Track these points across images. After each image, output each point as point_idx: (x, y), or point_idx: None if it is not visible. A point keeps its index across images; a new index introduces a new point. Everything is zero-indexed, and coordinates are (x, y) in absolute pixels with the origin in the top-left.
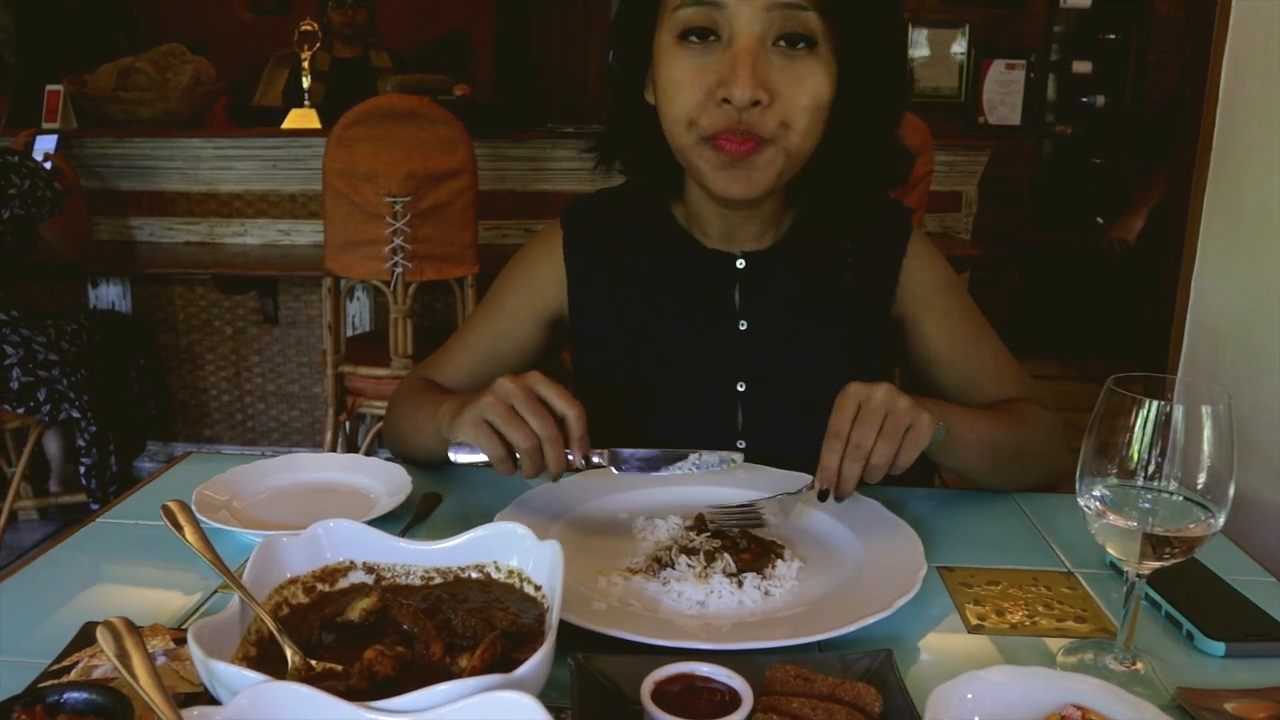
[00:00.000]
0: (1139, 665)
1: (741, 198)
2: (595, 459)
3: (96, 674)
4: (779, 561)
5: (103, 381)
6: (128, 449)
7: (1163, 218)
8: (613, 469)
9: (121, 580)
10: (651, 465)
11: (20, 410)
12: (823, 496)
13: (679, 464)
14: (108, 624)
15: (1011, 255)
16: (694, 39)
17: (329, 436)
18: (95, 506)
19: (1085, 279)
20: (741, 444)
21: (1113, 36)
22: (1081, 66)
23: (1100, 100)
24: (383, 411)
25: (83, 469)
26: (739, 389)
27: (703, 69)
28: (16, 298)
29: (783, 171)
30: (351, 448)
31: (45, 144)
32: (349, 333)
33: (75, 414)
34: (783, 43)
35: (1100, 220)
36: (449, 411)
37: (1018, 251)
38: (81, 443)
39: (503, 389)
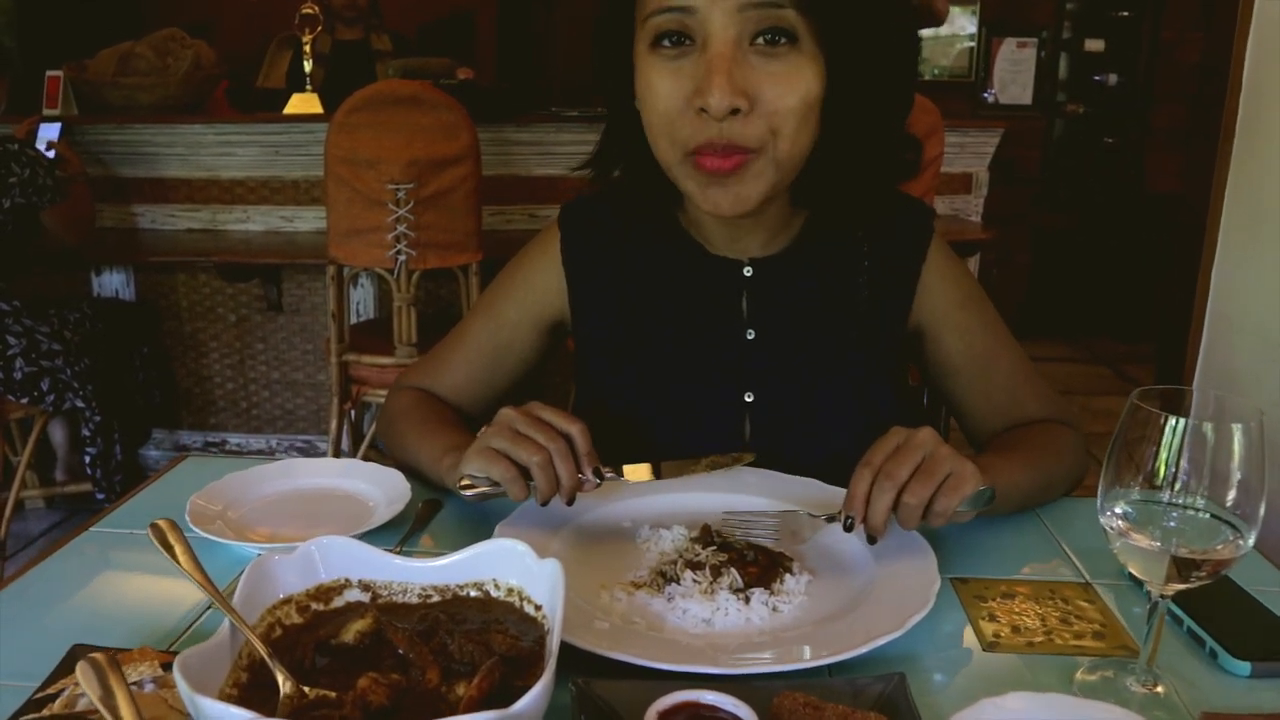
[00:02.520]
0: (1160, 688)
1: (731, 214)
2: (608, 475)
3: (81, 704)
4: (787, 576)
5: (106, 370)
6: (132, 438)
7: (1182, 207)
8: (625, 480)
9: (113, 595)
10: (665, 472)
11: (24, 400)
12: (848, 527)
13: (692, 468)
14: (91, 661)
15: (1022, 236)
16: (667, 44)
17: (334, 425)
18: (101, 496)
19: (1096, 259)
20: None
21: (1125, 14)
22: (1094, 45)
23: (1112, 79)
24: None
25: (87, 459)
26: (746, 400)
27: (678, 76)
28: (19, 287)
29: (774, 182)
30: (357, 436)
31: (48, 132)
32: (354, 319)
33: (79, 404)
34: (761, 41)
35: None
36: (452, 462)
37: (1028, 232)
38: (86, 432)
39: (505, 417)
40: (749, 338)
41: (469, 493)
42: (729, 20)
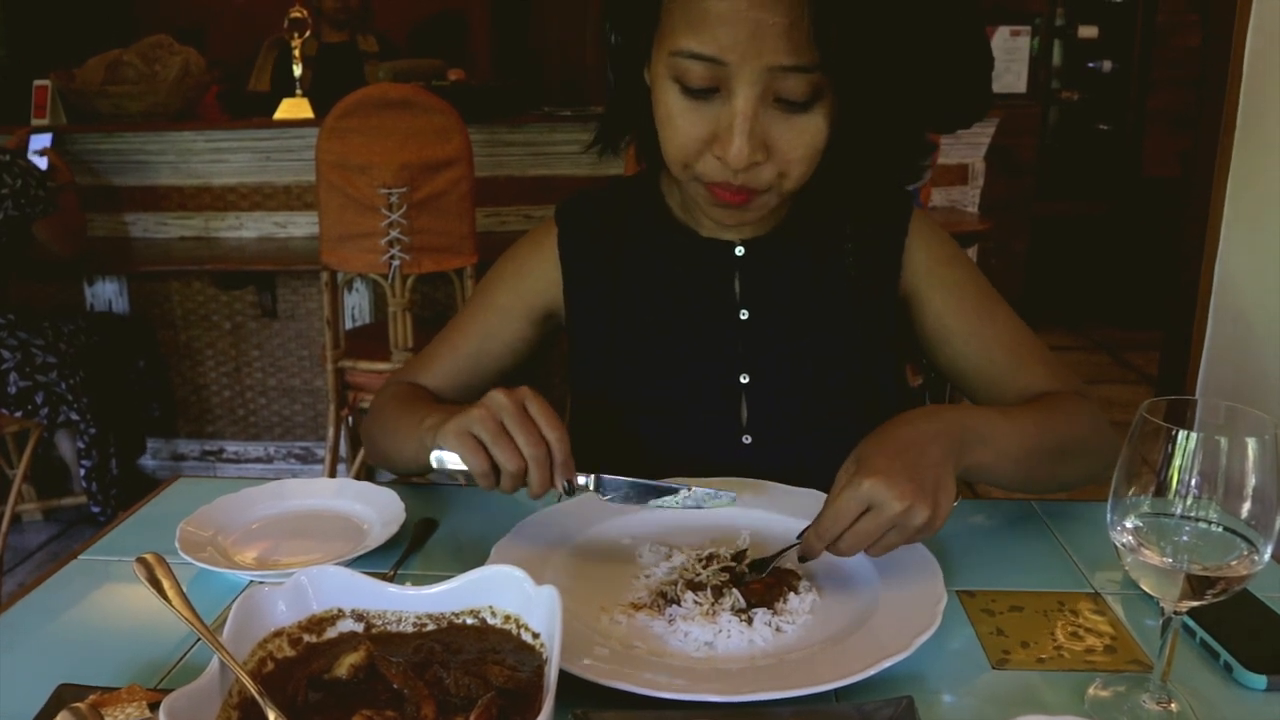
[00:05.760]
0: (1174, 705)
1: (734, 226)
2: (582, 480)
3: None
4: (791, 595)
5: (102, 383)
6: (129, 450)
7: (1181, 192)
8: (598, 495)
9: (102, 627)
10: (638, 496)
11: (18, 414)
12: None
13: (667, 498)
14: (72, 711)
15: (1019, 224)
16: (692, 89)
17: (331, 431)
18: (96, 509)
19: (1094, 246)
20: (747, 439)
21: None
22: (1088, 31)
23: (1107, 65)
24: None
25: (83, 471)
26: (742, 381)
27: (701, 116)
28: (13, 299)
29: (777, 207)
30: (355, 442)
31: (39, 142)
32: (350, 324)
33: (74, 416)
34: (784, 98)
35: None
36: (435, 423)
37: (1026, 220)
38: (81, 445)
39: (494, 402)
40: (742, 318)
41: (439, 465)
42: (757, 78)
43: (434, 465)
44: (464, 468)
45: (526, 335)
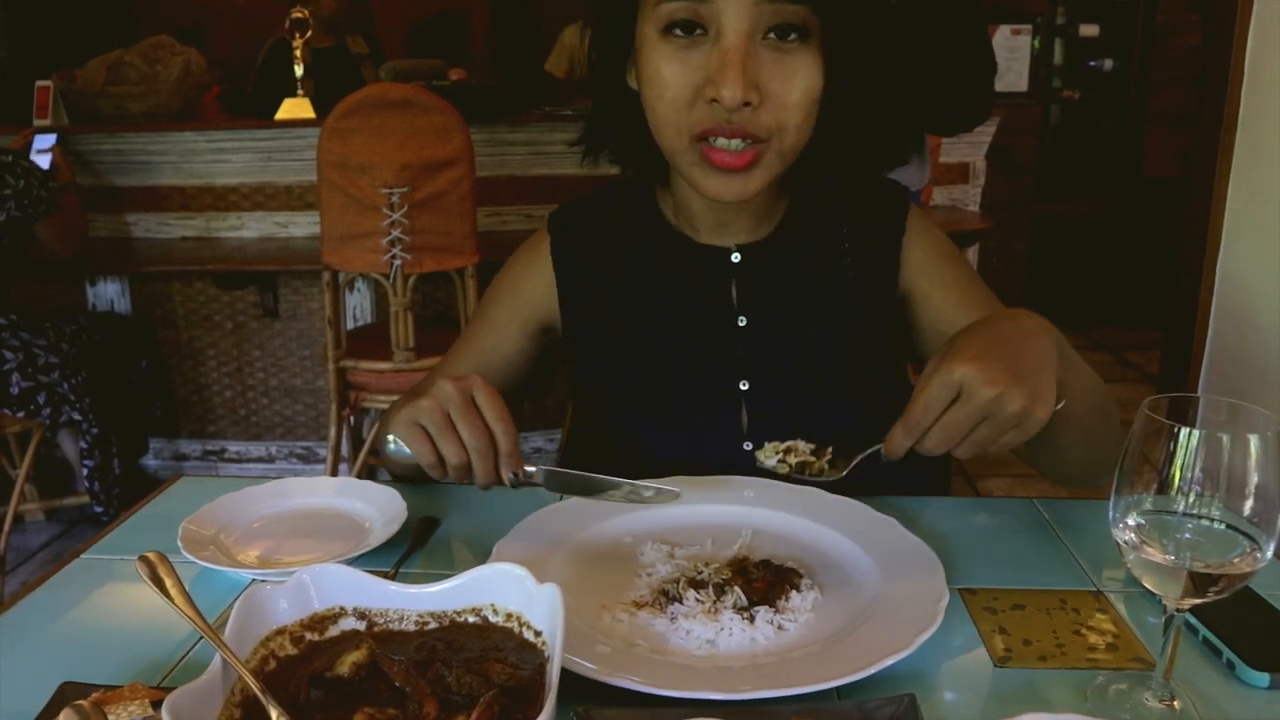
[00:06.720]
0: (1177, 702)
1: (735, 201)
2: (530, 469)
3: None
4: (793, 593)
5: (104, 383)
6: (131, 450)
7: (1181, 192)
8: (544, 487)
9: (104, 626)
10: (584, 488)
11: (20, 415)
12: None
13: (613, 491)
14: (75, 709)
15: (1020, 223)
16: (679, 33)
17: (333, 431)
18: (99, 509)
19: (1095, 246)
20: (748, 445)
21: None
22: (1089, 30)
23: (1108, 64)
24: (385, 405)
25: (85, 471)
26: (742, 388)
27: (689, 65)
28: (15, 299)
29: (776, 173)
30: (356, 441)
31: (43, 142)
32: (352, 324)
33: (76, 416)
34: (773, 35)
35: None
36: (395, 409)
37: (1027, 219)
38: (84, 445)
39: (442, 393)
40: (740, 325)
41: (393, 453)
42: (744, 13)
43: (389, 451)
44: (411, 459)
45: (524, 349)
